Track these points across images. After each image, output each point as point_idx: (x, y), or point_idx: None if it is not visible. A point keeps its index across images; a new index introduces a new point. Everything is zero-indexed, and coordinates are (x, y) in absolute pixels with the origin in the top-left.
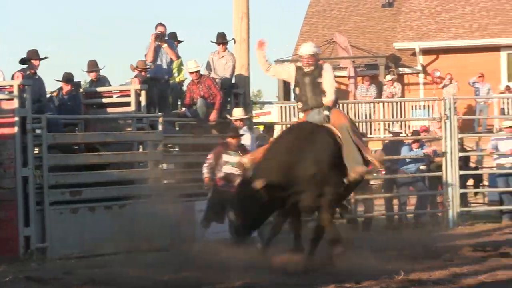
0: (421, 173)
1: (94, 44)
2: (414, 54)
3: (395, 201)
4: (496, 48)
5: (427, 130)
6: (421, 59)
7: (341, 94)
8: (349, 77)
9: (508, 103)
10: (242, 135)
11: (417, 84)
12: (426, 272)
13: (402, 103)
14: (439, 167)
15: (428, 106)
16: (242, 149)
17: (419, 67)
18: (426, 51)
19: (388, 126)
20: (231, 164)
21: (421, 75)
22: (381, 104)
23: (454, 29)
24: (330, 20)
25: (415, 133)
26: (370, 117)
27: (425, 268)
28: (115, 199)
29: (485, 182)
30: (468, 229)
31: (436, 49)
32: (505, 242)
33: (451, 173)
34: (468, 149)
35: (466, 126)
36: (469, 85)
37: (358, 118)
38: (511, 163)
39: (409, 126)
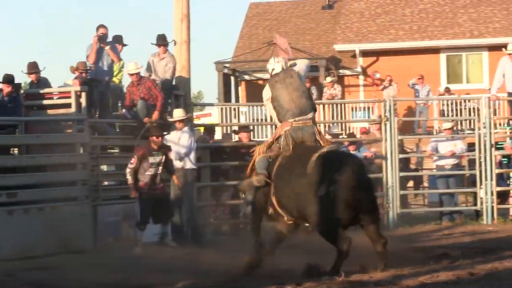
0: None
1: (34, 45)
2: (354, 56)
3: None
4: (435, 50)
5: (367, 132)
6: (361, 61)
7: None
8: None
9: (447, 104)
10: (165, 134)
11: (357, 86)
12: (368, 273)
13: (342, 105)
14: (379, 169)
15: (368, 108)
16: (166, 149)
17: (359, 69)
18: (366, 53)
19: (328, 128)
20: (155, 165)
21: (361, 77)
22: (321, 105)
23: (394, 31)
24: (270, 22)
25: (351, 135)
26: None
27: (366, 269)
28: (47, 201)
29: (425, 184)
30: (408, 230)
31: (376, 51)
32: (445, 243)
33: (391, 174)
34: (408, 150)
35: (406, 128)
36: (409, 87)
37: None
38: (450, 164)
39: (349, 128)
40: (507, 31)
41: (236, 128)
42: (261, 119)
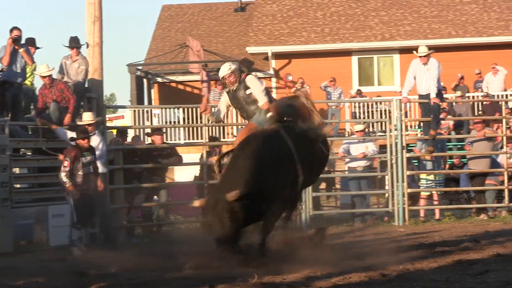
0: None
1: None
2: (266, 58)
3: None
4: (347, 53)
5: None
6: (274, 64)
7: (194, 98)
8: (202, 81)
9: (359, 107)
10: (91, 135)
11: (270, 88)
12: (280, 275)
13: None
14: None
15: None
16: (92, 150)
17: (271, 71)
18: (278, 56)
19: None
20: (87, 164)
21: (274, 79)
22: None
23: (306, 34)
24: (183, 24)
25: None
26: (223, 121)
27: (279, 270)
28: None
29: (337, 186)
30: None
31: (288, 54)
32: (358, 244)
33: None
34: None
35: None
36: (321, 89)
37: (211, 122)
38: (362, 166)
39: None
40: (417, 34)
41: (149, 130)
42: (174, 122)
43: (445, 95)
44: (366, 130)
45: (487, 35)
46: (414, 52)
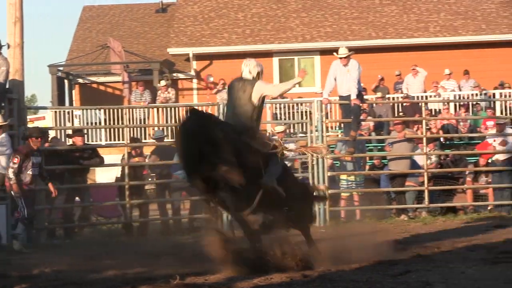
0: None
1: None
2: (188, 59)
3: (170, 206)
4: (268, 54)
5: None
6: (195, 65)
7: (116, 99)
8: (123, 82)
9: (280, 108)
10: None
11: (191, 89)
12: (202, 276)
13: (176, 108)
14: None
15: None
16: (40, 152)
17: (193, 73)
18: (199, 57)
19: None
20: (36, 165)
21: (195, 81)
22: (155, 109)
23: (227, 35)
24: (104, 25)
25: None
26: (144, 122)
27: (201, 272)
28: None
29: None
30: (240, 233)
31: (210, 55)
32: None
33: None
34: None
35: None
36: None
37: (133, 123)
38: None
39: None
40: (338, 35)
41: (70, 131)
42: (95, 123)
43: (365, 96)
44: (287, 131)
45: (407, 37)
46: (335, 53)
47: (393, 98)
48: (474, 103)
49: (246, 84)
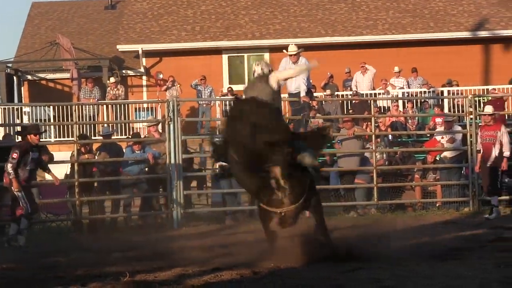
0: (145, 174)
1: None
2: (137, 56)
3: (120, 203)
4: (217, 51)
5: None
6: (144, 62)
7: (65, 96)
8: (72, 79)
9: (230, 105)
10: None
11: (141, 86)
12: (152, 273)
13: (126, 105)
14: (163, 169)
15: (152, 108)
16: (38, 148)
17: (142, 70)
18: (149, 54)
19: (113, 128)
20: (35, 160)
21: (145, 78)
22: (105, 106)
23: (176, 32)
24: (53, 22)
25: (136, 135)
26: (94, 119)
27: (151, 269)
28: None
29: (209, 184)
30: (192, 230)
31: (159, 52)
32: (229, 242)
33: (175, 174)
34: (192, 151)
35: (190, 128)
36: (192, 87)
37: (82, 120)
38: None
39: (133, 128)
40: (287, 33)
41: (19, 128)
42: (44, 119)
43: (314, 94)
44: None
45: (356, 35)
46: (284, 50)
47: (342, 96)
48: (423, 100)
49: (263, 78)
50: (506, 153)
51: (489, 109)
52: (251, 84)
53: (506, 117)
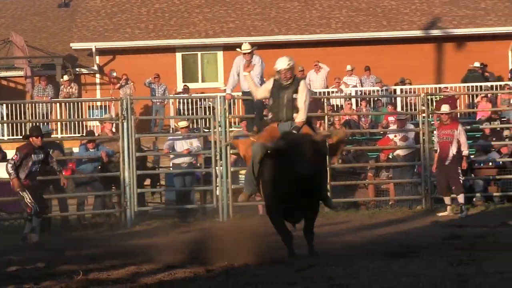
0: (98, 172)
1: None
2: (91, 54)
3: (73, 201)
4: (171, 49)
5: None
6: (98, 60)
7: (18, 94)
8: (26, 77)
9: (184, 103)
10: (45, 133)
11: (94, 84)
12: (105, 271)
13: (80, 103)
14: (116, 167)
15: (105, 106)
16: (44, 149)
17: (95, 68)
18: (102, 52)
19: (66, 126)
20: (37, 163)
21: (98, 76)
22: (58, 104)
23: (130, 30)
24: (6, 20)
25: (90, 133)
26: (47, 117)
27: (104, 267)
28: None
29: (162, 182)
30: (146, 228)
31: (113, 50)
32: (183, 240)
33: (128, 173)
34: (145, 149)
35: (143, 126)
36: (145, 85)
37: (35, 118)
38: (187, 162)
39: (86, 126)
40: (241, 31)
41: None
42: None
43: None
44: (191, 126)
45: (309, 33)
46: (238, 49)
47: None
48: (376, 99)
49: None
50: (465, 152)
51: (446, 108)
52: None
53: (458, 116)
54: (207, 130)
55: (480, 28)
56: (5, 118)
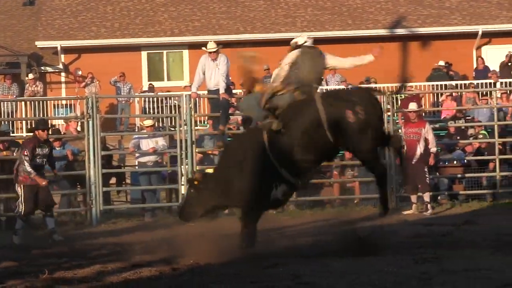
0: (64, 171)
1: None
2: (56, 53)
3: None
4: (137, 48)
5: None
6: (63, 58)
7: None
8: None
9: (149, 102)
10: (51, 127)
11: (60, 83)
12: (71, 270)
13: (45, 102)
14: (82, 165)
15: (71, 104)
16: (48, 143)
17: (61, 66)
18: (68, 50)
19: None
20: (41, 156)
21: (63, 74)
22: (23, 102)
23: (95, 29)
24: None
25: (55, 132)
26: (12, 116)
27: (70, 266)
28: None
29: (128, 181)
30: (111, 227)
31: (78, 48)
32: (148, 238)
33: (94, 171)
34: (111, 147)
35: (109, 125)
36: (111, 84)
37: (0, 117)
38: (152, 161)
39: (52, 124)
40: (206, 30)
41: None
42: None
43: (234, 91)
44: (156, 125)
45: (275, 32)
46: (203, 48)
47: None
48: None
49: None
50: (433, 149)
51: (413, 106)
52: (305, 52)
53: (423, 114)
54: (173, 129)
55: (445, 27)
56: None
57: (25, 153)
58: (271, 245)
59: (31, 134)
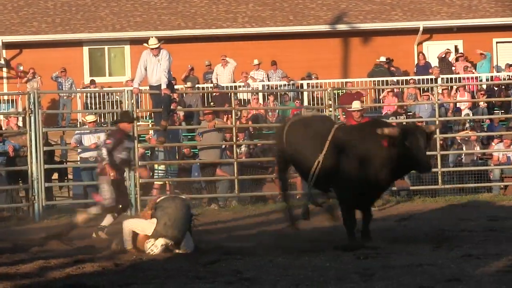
0: (4, 167)
1: None
2: None
3: None
4: (78, 43)
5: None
6: (5, 53)
7: None
8: None
9: (91, 97)
10: (135, 119)
11: (1, 78)
12: (14, 265)
13: None
14: (24, 161)
15: (12, 100)
16: (131, 137)
17: (2, 62)
18: (9, 45)
19: None
20: (128, 150)
21: (5, 69)
22: None
23: (36, 24)
24: None
25: None
26: None
27: (12, 261)
28: None
29: (70, 176)
30: (54, 223)
31: (19, 44)
32: (91, 235)
33: (36, 167)
34: (53, 143)
35: (50, 120)
36: (52, 79)
37: None
38: (94, 156)
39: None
40: (148, 25)
41: None
42: None
43: (175, 86)
44: (98, 120)
45: (216, 27)
46: (145, 44)
47: (203, 88)
48: (283, 93)
49: None
50: None
51: (357, 104)
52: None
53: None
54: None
55: (386, 23)
56: None
57: (108, 141)
58: (213, 241)
59: None
